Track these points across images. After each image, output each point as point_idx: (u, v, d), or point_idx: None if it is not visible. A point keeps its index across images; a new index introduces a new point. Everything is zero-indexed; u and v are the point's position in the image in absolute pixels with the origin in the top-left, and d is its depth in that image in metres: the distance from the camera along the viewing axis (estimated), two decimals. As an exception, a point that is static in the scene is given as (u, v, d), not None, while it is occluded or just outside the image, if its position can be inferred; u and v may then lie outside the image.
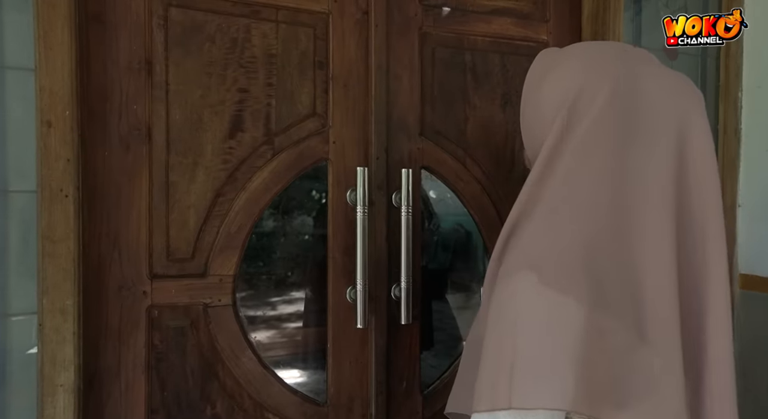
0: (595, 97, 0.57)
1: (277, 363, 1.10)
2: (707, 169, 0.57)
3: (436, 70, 1.22)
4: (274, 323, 1.14)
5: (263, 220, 1.10)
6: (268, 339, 1.12)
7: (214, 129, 1.03)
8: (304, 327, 1.17)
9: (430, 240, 1.34)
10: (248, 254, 1.07)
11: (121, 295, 0.96)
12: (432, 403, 1.22)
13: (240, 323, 1.05)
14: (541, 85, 0.63)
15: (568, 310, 0.50)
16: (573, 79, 0.59)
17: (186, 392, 1.01)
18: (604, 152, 0.56)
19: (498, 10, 1.27)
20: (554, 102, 0.60)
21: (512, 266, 0.55)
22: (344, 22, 1.13)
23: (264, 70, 1.07)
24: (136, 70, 0.97)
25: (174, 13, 1.00)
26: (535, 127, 0.64)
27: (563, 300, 0.51)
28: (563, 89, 0.59)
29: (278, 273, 1.14)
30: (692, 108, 0.58)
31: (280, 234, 1.14)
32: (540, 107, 0.62)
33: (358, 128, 1.14)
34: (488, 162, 1.27)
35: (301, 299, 1.16)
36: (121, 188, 0.96)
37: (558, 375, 0.50)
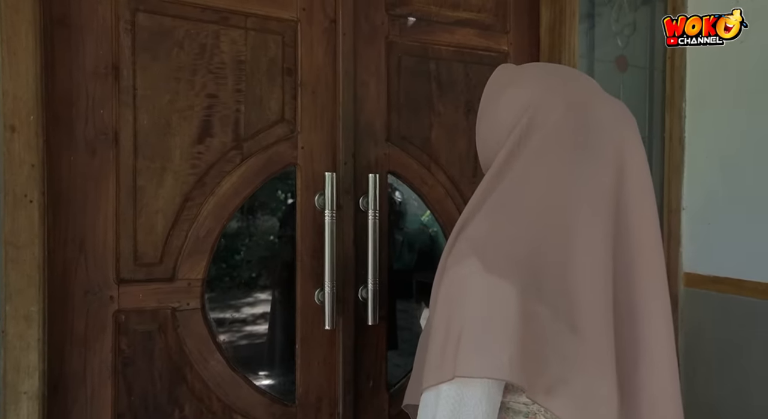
0: (550, 112, 0.64)
1: (245, 365, 1.12)
2: (642, 179, 0.64)
3: (402, 78, 1.26)
4: (243, 325, 1.15)
5: (232, 224, 1.11)
6: (237, 342, 1.14)
7: (183, 134, 1.04)
8: (273, 329, 1.19)
9: (399, 243, 1.38)
10: (217, 258, 1.08)
11: (87, 300, 0.96)
12: (398, 401, 1.26)
13: (209, 326, 1.06)
14: (499, 98, 0.69)
15: (506, 292, 0.56)
16: (532, 95, 0.65)
17: (154, 396, 1.02)
18: (555, 160, 0.62)
19: (461, 21, 1.33)
20: (512, 115, 0.65)
21: (460, 254, 0.61)
22: (312, 30, 1.15)
23: (233, 76, 1.08)
24: (103, 75, 0.97)
25: (141, 18, 1.00)
26: (490, 136, 0.69)
27: (502, 284, 0.57)
28: (521, 104, 0.65)
29: (247, 276, 1.15)
30: (630, 129, 0.65)
31: (250, 238, 1.16)
32: (497, 117, 0.68)
33: (326, 134, 1.17)
34: (452, 167, 1.32)
35: (269, 301, 1.18)
36: (88, 192, 0.96)
37: (497, 348, 0.55)
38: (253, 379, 1.12)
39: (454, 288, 0.59)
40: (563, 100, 0.64)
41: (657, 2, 1.54)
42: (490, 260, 0.58)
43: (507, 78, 0.71)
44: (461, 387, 0.58)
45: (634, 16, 1.50)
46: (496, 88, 0.71)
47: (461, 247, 0.62)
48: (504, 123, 0.66)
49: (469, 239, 0.62)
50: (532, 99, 0.65)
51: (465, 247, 0.61)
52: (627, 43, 1.49)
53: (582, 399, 0.58)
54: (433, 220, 1.35)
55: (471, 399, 0.58)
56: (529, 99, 0.65)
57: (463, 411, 0.58)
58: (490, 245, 0.60)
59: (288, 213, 1.17)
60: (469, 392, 0.58)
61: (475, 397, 0.58)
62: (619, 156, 0.63)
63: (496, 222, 0.62)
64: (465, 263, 0.59)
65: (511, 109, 0.66)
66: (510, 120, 0.65)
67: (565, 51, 1.37)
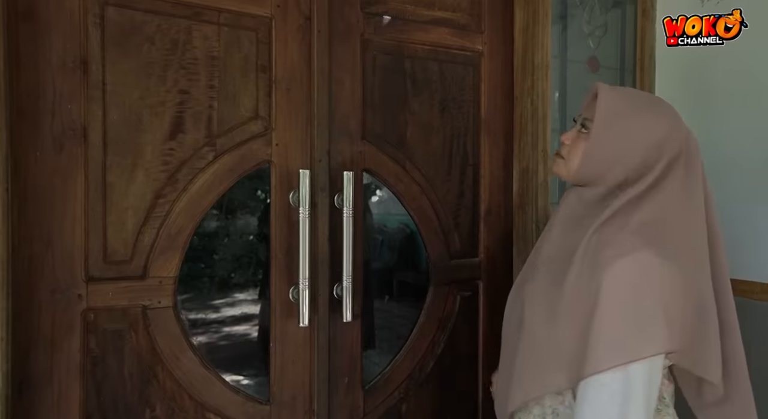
0: (683, 145, 0.82)
1: (219, 363, 1.11)
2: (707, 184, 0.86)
3: (377, 76, 1.26)
4: (216, 323, 1.15)
5: (206, 221, 1.10)
6: (210, 340, 1.13)
7: (154, 130, 1.03)
8: (247, 327, 1.18)
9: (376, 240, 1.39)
10: (190, 256, 1.07)
11: (54, 299, 0.94)
12: (373, 398, 1.26)
13: (181, 324, 1.05)
14: (633, 120, 0.81)
15: (677, 274, 0.73)
16: (669, 128, 0.81)
17: (124, 396, 1.00)
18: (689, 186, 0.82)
19: (436, 20, 1.34)
20: (651, 141, 0.80)
21: (628, 245, 0.73)
22: (287, 26, 1.15)
23: (205, 73, 1.07)
24: (71, 70, 0.95)
25: (111, 12, 0.99)
26: (619, 150, 0.81)
27: (674, 268, 0.73)
28: (662, 134, 0.80)
29: (221, 274, 1.15)
30: (699, 147, 0.84)
31: (223, 235, 1.15)
32: (632, 137, 0.81)
33: (300, 131, 1.17)
34: (427, 165, 1.33)
35: (244, 299, 1.17)
36: (55, 189, 0.94)
37: (678, 323, 0.72)
38: (227, 377, 1.11)
39: (634, 275, 0.71)
40: (683, 132, 0.82)
41: (627, 5, 1.57)
42: (659, 249, 0.73)
43: (635, 104, 0.83)
44: (650, 363, 0.70)
45: (605, 18, 1.53)
46: (625, 112, 0.82)
47: (626, 239, 0.74)
48: (642, 146, 0.80)
49: (634, 233, 0.75)
50: (672, 129, 0.81)
51: (631, 239, 0.74)
52: (599, 45, 1.52)
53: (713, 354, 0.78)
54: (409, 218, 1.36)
55: (656, 375, 0.72)
56: (668, 129, 0.80)
57: (652, 388, 0.71)
58: (654, 238, 0.75)
59: (262, 211, 1.17)
60: (655, 368, 0.71)
61: (657, 373, 0.72)
62: (701, 168, 0.84)
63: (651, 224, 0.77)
64: (640, 253, 0.72)
65: (652, 135, 0.80)
66: (650, 144, 0.80)
67: (538, 51, 1.39)
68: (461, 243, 1.40)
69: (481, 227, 1.42)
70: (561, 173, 0.90)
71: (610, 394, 0.70)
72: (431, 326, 1.35)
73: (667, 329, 0.71)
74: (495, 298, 1.42)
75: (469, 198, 1.41)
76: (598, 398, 0.70)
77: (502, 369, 0.94)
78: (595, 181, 0.85)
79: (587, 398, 0.71)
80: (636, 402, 0.69)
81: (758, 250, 1.35)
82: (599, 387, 0.70)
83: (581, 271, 0.77)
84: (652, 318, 0.71)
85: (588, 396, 0.71)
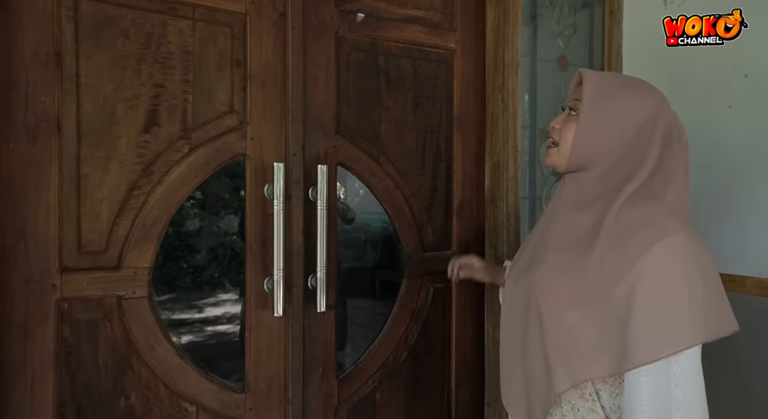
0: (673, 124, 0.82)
1: (195, 352, 1.13)
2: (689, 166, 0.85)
3: (352, 73, 1.29)
4: (192, 313, 1.16)
5: (181, 213, 1.12)
6: (185, 330, 1.15)
7: (129, 123, 1.04)
8: (223, 317, 1.20)
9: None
10: (166, 247, 1.09)
11: (27, 289, 0.95)
12: (348, 387, 1.29)
13: (156, 314, 1.07)
14: (619, 101, 0.81)
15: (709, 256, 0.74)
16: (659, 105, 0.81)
17: (98, 384, 1.01)
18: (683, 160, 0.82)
19: (410, 18, 1.37)
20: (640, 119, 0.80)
21: (658, 232, 0.72)
22: (262, 22, 1.17)
23: (180, 67, 1.09)
24: (44, 62, 0.96)
25: (85, 5, 1.00)
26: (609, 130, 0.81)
27: (708, 253, 0.74)
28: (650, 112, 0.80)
29: (196, 265, 1.16)
30: (685, 128, 0.85)
31: (199, 227, 1.17)
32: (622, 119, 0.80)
33: (275, 125, 1.19)
34: (400, 159, 1.36)
35: (219, 289, 1.19)
36: (28, 180, 0.95)
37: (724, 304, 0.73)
38: (203, 367, 1.13)
39: (678, 257, 0.71)
40: (670, 111, 0.82)
41: (596, 6, 1.63)
42: (686, 234, 0.73)
43: (622, 84, 0.83)
44: (698, 349, 0.70)
45: (574, 18, 1.58)
46: (613, 91, 0.81)
47: (661, 220, 0.74)
48: (634, 123, 0.79)
49: (668, 214, 0.75)
50: (660, 107, 0.80)
51: (667, 220, 0.74)
52: (568, 44, 1.57)
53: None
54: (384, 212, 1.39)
55: (699, 358, 0.71)
56: (657, 107, 0.80)
57: (700, 372, 0.70)
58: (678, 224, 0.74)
59: (237, 203, 1.19)
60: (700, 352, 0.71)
61: (700, 357, 0.71)
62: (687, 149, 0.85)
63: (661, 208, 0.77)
64: (673, 238, 0.71)
65: (641, 113, 0.79)
66: (640, 123, 0.79)
67: (508, 50, 1.44)
68: (434, 236, 1.44)
69: (454, 221, 1.46)
70: (554, 162, 0.88)
71: (666, 384, 0.69)
72: (405, 317, 1.39)
73: (717, 312, 0.71)
74: (467, 289, 1.47)
75: (442, 192, 1.45)
76: (656, 388, 0.69)
77: (508, 363, 0.90)
78: (589, 164, 0.83)
79: (643, 395, 0.70)
80: (696, 398, 0.69)
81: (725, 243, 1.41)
82: (654, 376, 0.69)
83: (609, 252, 0.75)
84: (703, 302, 0.70)
85: (644, 394, 0.70)
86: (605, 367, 0.73)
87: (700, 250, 0.73)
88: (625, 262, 0.72)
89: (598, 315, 0.74)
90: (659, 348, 0.68)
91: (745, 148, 1.33)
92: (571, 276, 0.78)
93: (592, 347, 0.74)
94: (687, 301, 0.69)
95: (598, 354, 0.73)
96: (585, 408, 0.80)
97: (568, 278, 0.78)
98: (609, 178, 0.81)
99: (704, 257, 0.73)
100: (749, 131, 1.32)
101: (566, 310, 0.76)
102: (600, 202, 0.80)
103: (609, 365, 0.73)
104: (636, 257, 0.71)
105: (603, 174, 0.81)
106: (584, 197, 0.84)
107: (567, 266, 0.79)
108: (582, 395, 0.80)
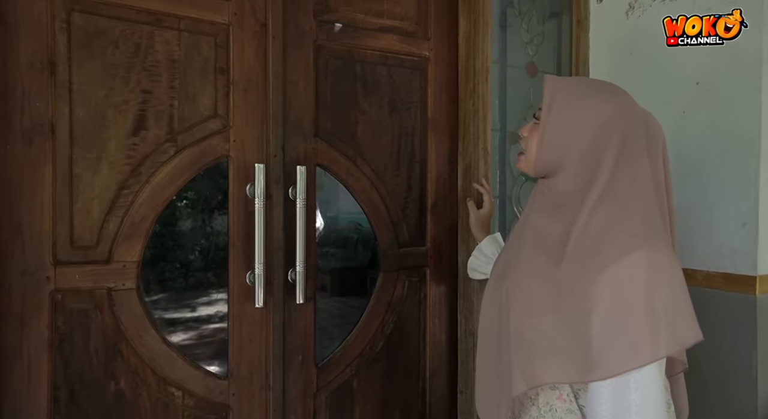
0: (633, 126, 0.83)
1: (181, 341, 1.21)
2: (668, 169, 0.89)
3: (330, 79, 1.37)
4: (178, 304, 1.24)
5: (168, 211, 1.19)
6: (172, 320, 1.22)
7: (118, 127, 1.12)
8: (207, 308, 1.28)
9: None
10: (153, 242, 1.16)
11: (23, 280, 1.02)
12: (326, 374, 1.38)
13: (144, 305, 1.14)
14: (578, 106, 0.83)
15: (677, 266, 0.76)
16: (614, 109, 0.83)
17: (90, 370, 1.09)
18: (644, 159, 0.83)
19: (385, 28, 1.46)
20: (598, 123, 0.82)
21: (623, 247, 0.74)
22: (244, 32, 1.25)
23: (167, 74, 1.17)
24: (39, 70, 1.04)
25: (77, 17, 1.07)
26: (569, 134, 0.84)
27: (673, 261, 0.75)
28: (607, 115, 0.82)
29: (182, 259, 1.24)
30: (662, 132, 0.88)
31: (184, 224, 1.25)
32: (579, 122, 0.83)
33: (257, 129, 1.27)
34: (376, 161, 1.45)
35: (204, 282, 1.27)
36: (24, 179, 1.03)
37: (689, 314, 0.74)
38: (188, 355, 1.21)
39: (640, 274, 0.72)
40: (634, 112, 0.84)
41: (563, 16, 1.72)
42: (654, 244, 0.74)
43: (580, 90, 0.86)
44: (662, 362, 0.73)
45: (543, 28, 1.67)
46: (570, 98, 0.85)
47: (618, 240, 0.75)
48: (589, 127, 0.82)
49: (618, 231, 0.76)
50: (615, 112, 0.82)
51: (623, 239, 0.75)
52: (536, 52, 1.66)
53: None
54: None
55: (660, 364, 0.73)
56: (612, 112, 0.82)
57: (659, 377, 0.73)
58: (644, 235, 0.75)
59: (221, 202, 1.27)
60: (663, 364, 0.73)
61: (662, 364, 0.74)
62: (662, 151, 0.87)
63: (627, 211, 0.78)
64: (640, 252, 0.73)
65: (596, 118, 0.82)
66: (597, 127, 0.81)
67: (479, 57, 1.52)
68: (409, 233, 1.52)
69: (428, 219, 1.55)
70: (523, 168, 0.92)
71: (626, 389, 0.71)
72: (381, 309, 1.47)
73: (681, 323, 0.73)
74: (441, 283, 1.55)
75: (417, 192, 1.53)
76: (616, 393, 0.72)
77: (483, 367, 0.92)
78: (555, 169, 0.86)
79: (603, 399, 0.73)
80: (654, 402, 0.72)
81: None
82: (615, 382, 0.72)
83: (574, 266, 0.77)
84: (664, 316, 0.72)
85: (603, 397, 0.73)
86: (569, 375, 0.76)
87: (663, 263, 0.73)
88: (587, 279, 0.74)
89: (565, 322, 0.76)
90: (621, 364, 0.71)
91: (696, 151, 1.42)
92: (540, 285, 0.80)
93: (554, 352, 0.76)
94: (645, 317, 0.71)
95: (561, 360, 0.76)
96: (563, 409, 0.82)
97: (537, 286, 0.81)
98: (573, 182, 0.84)
99: (667, 270, 0.74)
100: (701, 135, 1.42)
101: (533, 317, 0.79)
102: (568, 207, 0.83)
103: (574, 373, 0.75)
104: (597, 273, 0.74)
105: (568, 179, 0.85)
106: (554, 202, 0.87)
107: (537, 274, 0.82)
108: (560, 396, 0.83)
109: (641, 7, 1.56)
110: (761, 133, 1.30)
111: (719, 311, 1.36)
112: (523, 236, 0.89)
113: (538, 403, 0.84)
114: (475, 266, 1.37)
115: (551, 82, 0.87)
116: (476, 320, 1.52)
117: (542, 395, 0.83)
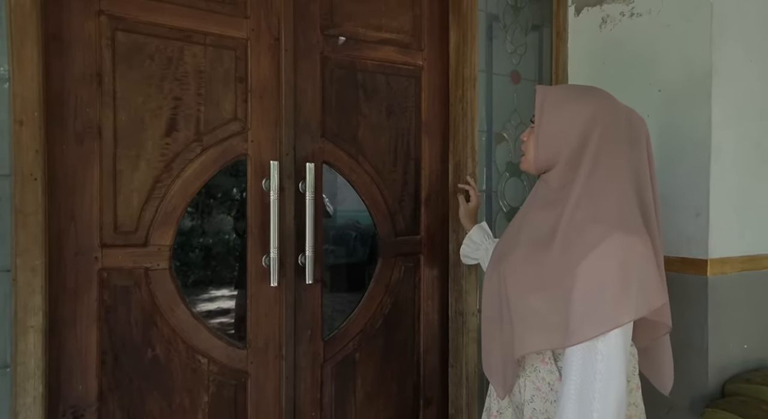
0: (614, 123, 0.94)
1: (206, 315, 1.39)
2: (652, 161, 0.99)
3: (335, 86, 1.55)
4: (204, 283, 1.42)
5: (195, 202, 1.37)
6: (198, 296, 1.40)
7: (154, 129, 1.29)
8: (229, 286, 1.46)
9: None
10: (183, 229, 1.34)
11: (77, 260, 1.20)
12: (332, 347, 1.56)
13: (175, 283, 1.32)
14: (564, 109, 0.96)
15: (646, 246, 0.87)
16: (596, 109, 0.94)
17: (131, 337, 1.27)
18: (624, 155, 0.94)
19: (384, 40, 1.64)
20: (581, 122, 0.94)
21: (601, 234, 0.86)
22: (260, 46, 1.43)
23: (194, 83, 1.34)
24: (88, 81, 1.21)
25: (120, 35, 1.25)
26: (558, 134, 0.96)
27: (644, 240, 0.86)
28: (589, 115, 0.93)
29: (207, 244, 1.42)
30: (645, 125, 0.99)
31: (209, 214, 1.43)
32: (565, 123, 0.95)
33: (271, 130, 1.45)
34: (376, 159, 1.63)
35: (225, 264, 1.45)
36: (77, 174, 1.20)
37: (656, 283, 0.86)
38: (213, 326, 1.38)
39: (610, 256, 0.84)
40: (616, 111, 0.95)
41: (544, 28, 1.90)
42: (628, 229, 0.86)
43: (567, 94, 0.99)
44: (624, 333, 0.84)
45: (525, 39, 1.86)
46: (557, 102, 0.97)
47: (596, 229, 0.86)
48: (574, 127, 0.93)
49: (597, 222, 0.88)
50: (597, 112, 0.93)
51: (600, 228, 0.86)
52: (520, 61, 1.84)
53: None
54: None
55: (625, 340, 0.84)
56: (593, 112, 0.93)
57: (622, 351, 0.84)
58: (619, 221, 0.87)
59: (241, 194, 1.44)
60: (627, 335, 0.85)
61: (627, 340, 0.85)
62: (646, 145, 0.98)
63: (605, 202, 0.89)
64: (616, 236, 0.85)
65: (579, 118, 0.93)
66: (581, 126, 0.93)
67: (468, 66, 1.71)
68: (405, 223, 1.70)
69: (422, 210, 1.73)
70: (526, 168, 1.05)
71: (593, 359, 0.83)
72: (380, 291, 1.65)
73: (648, 292, 0.84)
74: (433, 268, 1.74)
75: (412, 187, 1.72)
76: (585, 361, 0.84)
77: (488, 337, 1.05)
78: (551, 165, 0.97)
79: (573, 366, 0.85)
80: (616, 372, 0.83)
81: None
82: (585, 351, 0.84)
83: (561, 251, 0.89)
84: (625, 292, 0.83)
85: (574, 365, 0.85)
86: (551, 342, 0.90)
87: (635, 243, 0.85)
88: (571, 263, 0.87)
89: (552, 299, 0.88)
90: (590, 329, 0.84)
91: (658, 150, 1.61)
92: (534, 267, 0.93)
93: (546, 324, 0.89)
94: (616, 290, 0.83)
95: (547, 331, 0.89)
96: (545, 370, 0.97)
97: (531, 268, 0.93)
98: (563, 177, 0.96)
99: (639, 250, 0.85)
100: (662, 136, 1.61)
101: (528, 294, 0.92)
102: (558, 202, 0.95)
103: (555, 341, 0.89)
104: (580, 258, 0.86)
105: (558, 174, 0.97)
106: (547, 198, 0.99)
107: (531, 258, 0.94)
108: (543, 359, 0.98)
109: (612, 22, 1.75)
110: (712, 134, 1.49)
111: (677, 292, 1.55)
112: (521, 226, 1.03)
113: (524, 365, 1.00)
114: (466, 252, 1.55)
115: (542, 90, 1.00)
116: (465, 301, 1.71)
117: (529, 358, 0.99)
